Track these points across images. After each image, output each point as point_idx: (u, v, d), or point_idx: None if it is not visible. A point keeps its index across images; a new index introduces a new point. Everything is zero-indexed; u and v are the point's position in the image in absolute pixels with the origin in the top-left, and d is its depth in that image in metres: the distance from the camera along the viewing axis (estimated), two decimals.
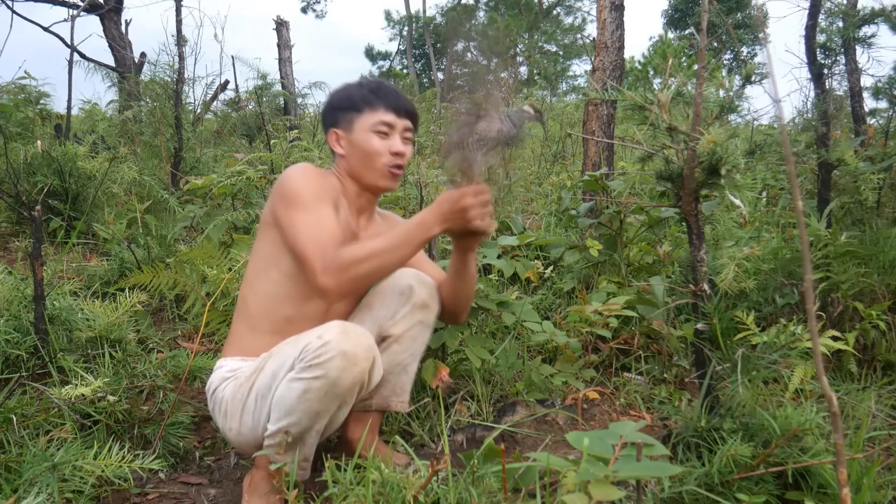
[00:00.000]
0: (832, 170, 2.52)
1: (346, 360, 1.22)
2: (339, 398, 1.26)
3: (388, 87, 1.54)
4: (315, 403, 1.24)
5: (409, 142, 1.53)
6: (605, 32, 3.82)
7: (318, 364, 1.22)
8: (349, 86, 1.54)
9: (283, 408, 1.26)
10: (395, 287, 1.51)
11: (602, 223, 2.49)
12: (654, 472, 0.92)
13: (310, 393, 1.23)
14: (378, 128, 1.48)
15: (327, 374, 1.22)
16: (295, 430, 1.27)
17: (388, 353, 1.50)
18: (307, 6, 28.51)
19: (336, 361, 1.21)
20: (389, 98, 1.50)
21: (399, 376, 1.52)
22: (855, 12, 2.64)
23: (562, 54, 27.22)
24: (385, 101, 1.50)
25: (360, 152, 1.49)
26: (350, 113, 1.50)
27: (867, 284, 1.95)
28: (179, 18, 4.29)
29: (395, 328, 1.49)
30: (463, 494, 1.16)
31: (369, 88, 1.51)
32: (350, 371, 1.23)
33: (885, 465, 1.41)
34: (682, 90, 1.42)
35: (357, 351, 1.24)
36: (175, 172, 4.00)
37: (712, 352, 1.44)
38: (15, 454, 1.35)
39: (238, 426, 1.38)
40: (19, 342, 1.73)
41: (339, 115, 1.52)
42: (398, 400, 1.54)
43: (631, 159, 4.57)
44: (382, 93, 1.51)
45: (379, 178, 1.50)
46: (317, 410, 1.25)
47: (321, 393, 1.23)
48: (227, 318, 2.13)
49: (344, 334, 1.24)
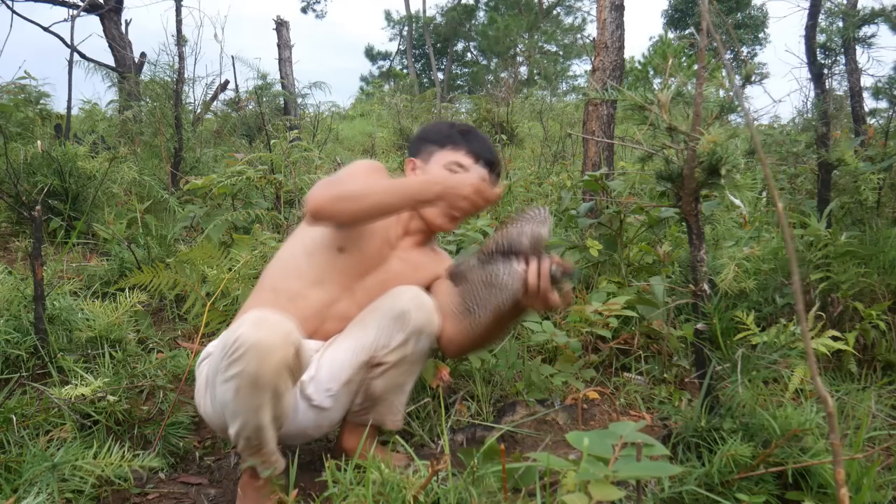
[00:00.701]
0: (832, 170, 2.52)
1: (260, 352, 1.17)
2: (269, 389, 1.21)
3: (478, 134, 1.61)
4: (249, 400, 1.20)
5: None
6: (605, 32, 3.82)
7: (235, 360, 1.18)
8: (442, 123, 1.63)
9: (228, 411, 1.24)
10: (391, 310, 1.44)
11: (602, 223, 2.49)
12: (654, 472, 0.92)
13: (240, 391, 1.20)
14: (451, 167, 1.54)
15: (245, 369, 1.17)
16: (249, 428, 1.24)
17: (385, 377, 1.45)
18: (307, 6, 28.53)
19: (250, 354, 1.17)
20: (473, 143, 1.57)
21: (396, 395, 1.49)
22: (855, 12, 2.64)
23: (562, 54, 27.23)
24: (468, 145, 1.57)
25: None
26: (432, 147, 1.59)
27: (867, 284, 1.95)
28: (179, 18, 4.29)
29: (390, 356, 1.43)
30: (463, 494, 1.16)
31: (459, 129, 1.59)
32: (268, 362, 1.17)
33: (885, 465, 1.41)
34: (682, 90, 1.42)
35: (270, 341, 1.18)
36: (175, 172, 4.00)
37: (712, 352, 1.44)
38: (15, 454, 1.35)
39: (204, 406, 1.39)
40: (19, 342, 1.73)
41: (422, 147, 1.61)
42: (393, 419, 1.51)
43: (631, 159, 4.57)
44: (469, 137, 1.58)
45: (436, 216, 1.55)
46: (256, 405, 1.21)
47: (249, 389, 1.19)
48: (227, 318, 2.13)
49: (256, 325, 1.19)
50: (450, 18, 28.58)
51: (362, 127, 10.09)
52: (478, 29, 28.25)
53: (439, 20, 29.15)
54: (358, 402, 1.49)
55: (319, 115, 7.07)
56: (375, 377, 1.45)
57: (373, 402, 1.48)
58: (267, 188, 3.25)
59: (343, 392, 1.46)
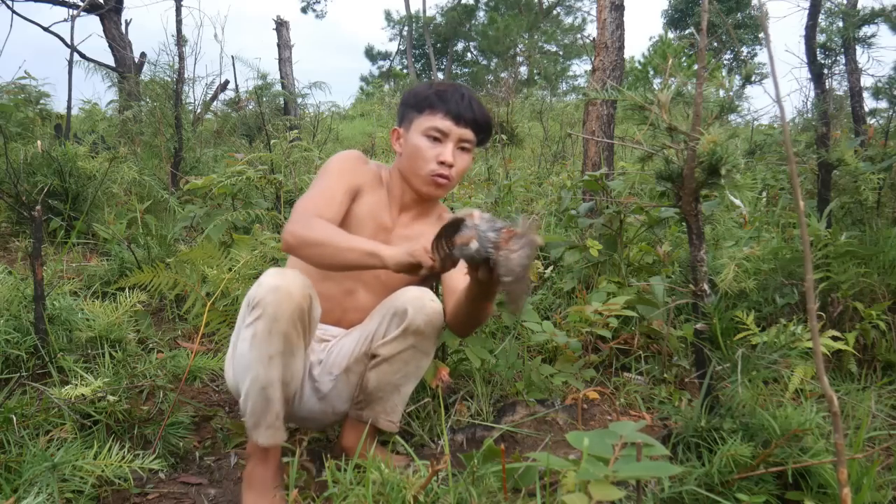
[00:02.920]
0: (832, 170, 2.52)
1: (280, 293, 1.25)
2: (283, 336, 1.27)
3: (457, 92, 1.49)
4: (264, 346, 1.26)
5: (467, 152, 1.50)
6: (605, 32, 3.82)
7: (256, 304, 1.27)
8: (423, 84, 1.54)
9: (243, 364, 1.31)
10: (392, 305, 1.46)
11: (602, 223, 2.49)
12: (654, 472, 0.92)
13: (256, 337, 1.26)
14: (430, 133, 1.47)
15: (265, 311, 1.25)
16: (257, 386, 1.28)
17: (378, 371, 1.46)
18: (307, 6, 28.51)
19: (270, 296, 1.25)
20: (451, 104, 1.47)
21: (391, 395, 1.49)
22: (855, 12, 2.64)
23: (562, 54, 27.22)
24: (445, 106, 1.47)
25: (409, 154, 1.50)
26: (412, 112, 1.51)
27: (867, 284, 1.95)
28: (179, 18, 4.29)
29: (383, 349, 1.45)
30: (463, 494, 1.16)
31: (436, 91, 1.49)
32: (286, 303, 1.25)
33: (885, 465, 1.41)
34: (682, 90, 1.42)
35: (290, 286, 1.26)
36: (175, 172, 4.00)
37: (712, 352, 1.44)
38: (15, 454, 1.35)
39: (227, 370, 1.45)
40: (19, 342, 1.73)
41: (404, 113, 1.53)
42: (387, 419, 1.50)
43: (631, 159, 4.57)
44: (447, 96, 1.48)
45: (421, 185, 1.51)
46: (268, 354, 1.27)
47: (266, 332, 1.26)
48: (227, 318, 2.13)
49: (278, 274, 1.28)
50: (450, 18, 28.57)
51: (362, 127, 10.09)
52: (478, 29, 28.24)
53: (439, 20, 29.14)
54: (356, 395, 1.51)
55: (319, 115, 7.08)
56: (370, 369, 1.48)
57: (367, 398, 1.49)
58: (267, 188, 3.25)
59: (342, 379, 1.50)
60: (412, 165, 1.50)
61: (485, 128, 1.52)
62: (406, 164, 1.51)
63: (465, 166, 1.51)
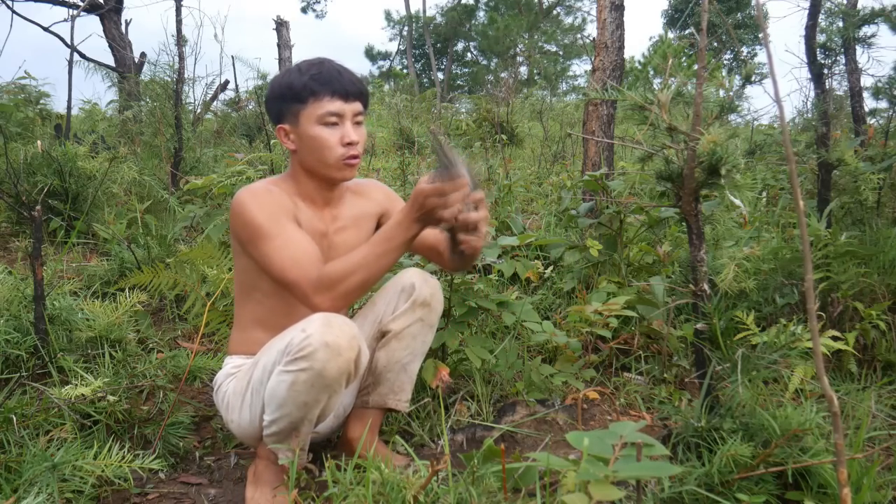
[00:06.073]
0: (832, 170, 2.52)
1: (330, 351, 1.21)
2: (327, 389, 1.25)
3: (331, 68, 1.40)
4: (303, 395, 1.25)
5: (361, 125, 1.44)
6: (605, 32, 3.82)
7: (303, 357, 1.22)
8: (289, 72, 1.42)
9: (275, 401, 1.28)
10: (397, 284, 1.53)
11: (602, 223, 2.49)
12: (654, 472, 0.92)
13: (297, 385, 1.24)
14: (326, 119, 1.38)
15: (312, 366, 1.22)
16: (287, 421, 1.28)
17: (387, 350, 1.50)
18: (307, 6, 28.51)
19: (320, 353, 1.21)
20: (334, 83, 1.38)
21: (398, 374, 1.52)
22: (855, 12, 2.64)
23: (562, 54, 27.23)
24: (329, 88, 1.38)
25: (310, 147, 1.40)
26: (294, 105, 1.39)
27: (867, 284, 1.95)
28: (179, 18, 4.29)
29: (393, 324, 1.50)
30: (463, 494, 1.16)
31: (311, 75, 1.38)
32: (335, 361, 1.22)
33: (885, 465, 1.41)
34: (682, 90, 1.42)
35: (340, 341, 1.22)
36: (175, 172, 4.00)
37: (712, 352, 1.44)
38: (15, 454, 1.35)
39: (238, 419, 1.41)
40: (19, 342, 1.73)
41: (283, 108, 1.42)
42: (396, 398, 1.53)
43: (631, 159, 4.56)
44: (325, 77, 1.38)
45: (334, 172, 1.42)
46: (305, 401, 1.26)
47: (308, 385, 1.23)
48: (227, 319, 2.13)
49: (327, 325, 1.23)
50: (450, 18, 28.57)
51: None
52: (478, 29, 28.24)
53: (439, 20, 29.14)
54: (364, 380, 1.54)
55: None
56: (379, 349, 1.50)
57: (376, 380, 1.51)
58: None
59: None
60: (319, 157, 1.41)
61: (366, 95, 1.45)
62: (310, 158, 1.42)
63: (364, 138, 1.45)
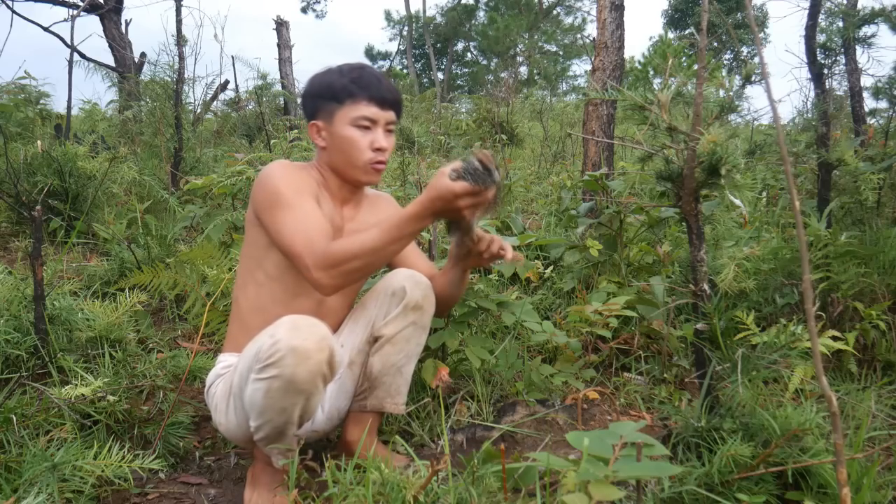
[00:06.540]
0: (832, 170, 2.52)
1: (298, 356, 1.19)
2: (302, 393, 1.23)
3: (371, 74, 1.46)
4: (279, 401, 1.23)
5: (392, 133, 1.48)
6: (605, 32, 3.82)
7: (272, 363, 1.20)
8: (330, 72, 1.46)
9: (255, 409, 1.26)
10: (388, 287, 1.49)
11: (602, 223, 2.49)
12: (654, 472, 0.92)
13: (272, 392, 1.22)
14: (360, 122, 1.43)
15: (282, 373, 1.20)
16: (270, 426, 1.27)
17: (381, 354, 1.48)
18: (307, 6, 28.52)
19: (288, 359, 1.19)
20: (372, 89, 1.43)
21: (394, 378, 1.50)
22: (855, 12, 2.64)
23: (562, 54, 27.24)
24: (367, 93, 1.43)
25: (340, 147, 1.45)
26: (331, 104, 1.44)
27: (867, 284, 1.95)
28: (179, 18, 4.29)
29: (386, 329, 1.47)
30: (463, 494, 1.15)
31: (351, 78, 1.43)
32: (304, 366, 1.20)
33: (885, 465, 1.41)
34: (682, 90, 1.42)
35: (308, 344, 1.20)
36: (175, 172, 4.00)
37: (712, 352, 1.44)
38: (15, 454, 1.35)
39: (226, 422, 1.40)
40: (19, 342, 1.73)
41: (319, 105, 1.46)
42: (392, 402, 1.52)
43: (631, 159, 4.57)
44: (365, 82, 1.43)
45: (360, 174, 1.47)
46: (283, 407, 1.24)
47: (282, 391, 1.22)
48: (227, 318, 2.13)
49: (293, 329, 1.21)
50: (450, 18, 28.58)
51: None
52: (478, 29, 28.24)
53: (439, 20, 29.15)
54: (359, 385, 1.52)
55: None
56: (372, 354, 1.48)
57: (371, 385, 1.50)
58: None
59: (346, 374, 1.51)
60: (347, 158, 1.45)
61: (400, 105, 1.50)
62: (339, 158, 1.46)
63: (392, 147, 1.48)
